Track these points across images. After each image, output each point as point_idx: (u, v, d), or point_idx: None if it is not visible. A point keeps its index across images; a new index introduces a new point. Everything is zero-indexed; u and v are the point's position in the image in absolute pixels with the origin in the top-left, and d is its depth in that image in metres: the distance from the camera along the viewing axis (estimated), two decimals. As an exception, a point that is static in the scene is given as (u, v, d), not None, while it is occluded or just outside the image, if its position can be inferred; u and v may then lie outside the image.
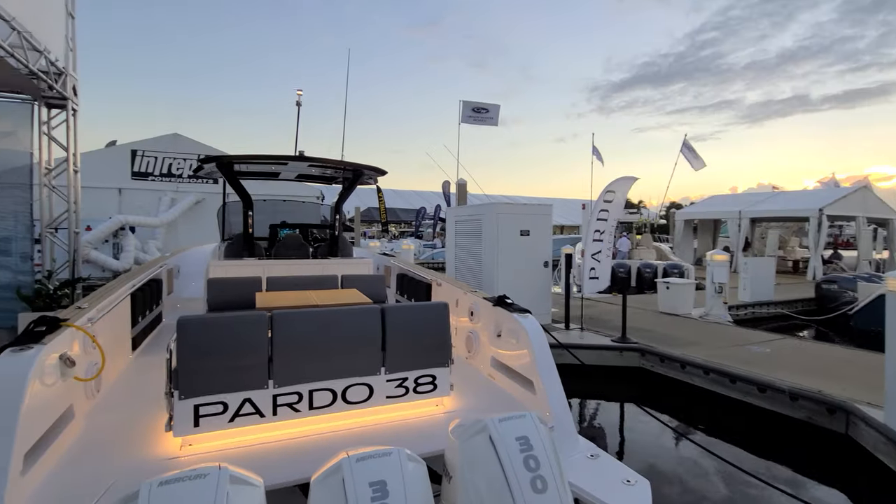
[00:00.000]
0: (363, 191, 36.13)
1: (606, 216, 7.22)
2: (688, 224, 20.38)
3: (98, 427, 2.58)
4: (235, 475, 1.59)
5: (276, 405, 2.52)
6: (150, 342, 4.25)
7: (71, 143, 5.99)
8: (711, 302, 8.46)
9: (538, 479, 1.87)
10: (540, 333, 3.23)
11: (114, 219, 12.56)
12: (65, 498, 1.97)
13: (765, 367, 5.52)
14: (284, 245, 5.96)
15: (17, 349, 2.11)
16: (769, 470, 4.22)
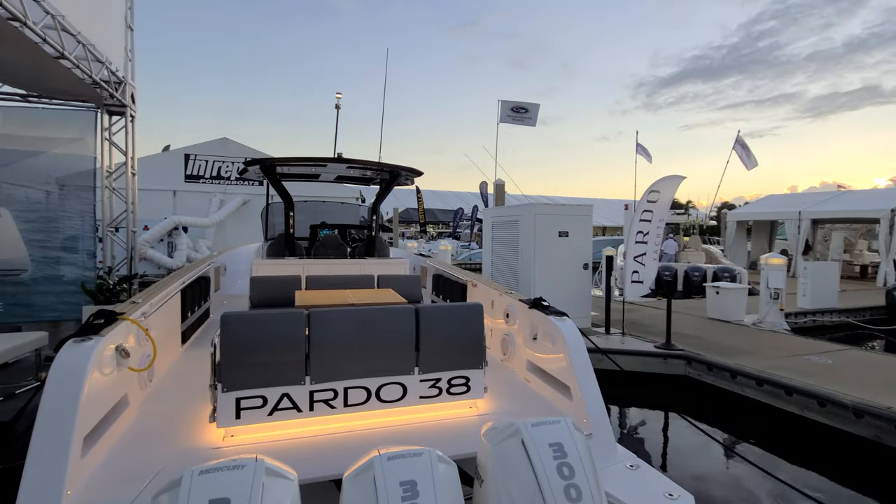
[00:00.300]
0: (401, 192, 36.63)
1: (650, 217, 6.91)
2: (741, 225, 19.28)
3: (149, 416, 2.72)
4: (271, 467, 1.62)
5: (312, 401, 2.57)
6: (198, 336, 4.44)
7: (129, 147, 6.39)
8: (766, 308, 7.93)
9: (572, 488, 1.79)
10: (577, 337, 3.12)
11: (168, 219, 13.31)
12: (119, 480, 2.08)
13: (826, 379, 5.11)
14: (323, 245, 6.12)
15: (79, 340, 2.25)
16: (829, 492, 3.90)
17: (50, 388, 2.07)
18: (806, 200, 17.86)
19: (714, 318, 8.45)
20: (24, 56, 4.39)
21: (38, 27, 4.02)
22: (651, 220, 6.90)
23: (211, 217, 14.68)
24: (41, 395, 2.04)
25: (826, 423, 4.65)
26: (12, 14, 3.81)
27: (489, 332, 4.29)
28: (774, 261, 7.79)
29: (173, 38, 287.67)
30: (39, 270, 5.41)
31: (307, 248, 6.26)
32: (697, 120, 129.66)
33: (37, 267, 5.39)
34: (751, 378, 5.30)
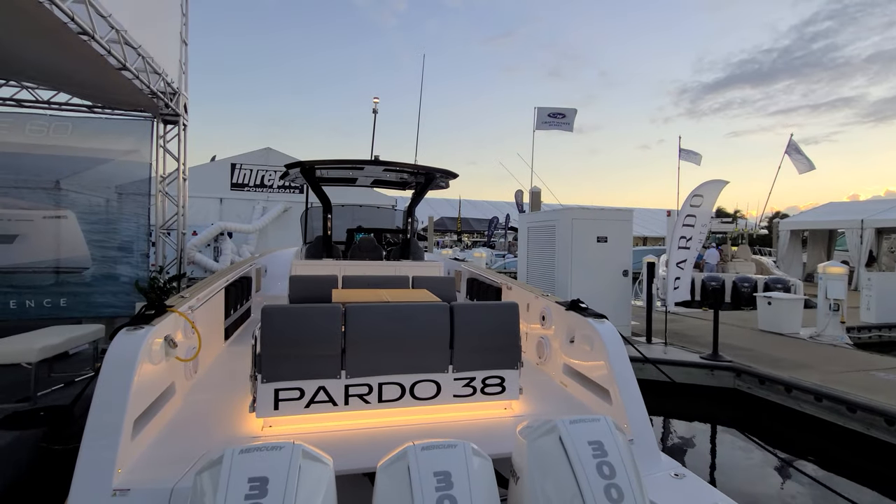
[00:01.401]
0: (436, 202, 36.90)
1: (693, 222, 6.63)
2: (795, 235, 18.14)
3: (194, 404, 2.82)
4: (308, 451, 1.64)
5: (347, 395, 2.59)
6: (240, 333, 4.59)
7: (181, 154, 6.77)
8: (825, 320, 7.38)
9: (613, 488, 1.70)
10: (617, 340, 3.01)
11: (215, 225, 13.95)
12: (165, 463, 2.16)
13: (894, 396, 4.69)
14: (359, 248, 6.24)
15: (132, 329, 2.38)
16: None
17: (105, 373, 2.19)
18: (870, 208, 16.63)
19: (766, 331, 7.96)
20: (91, 67, 4.75)
21: (104, 41, 4.35)
22: (694, 226, 6.62)
23: (254, 223, 15.28)
24: (96, 380, 2.16)
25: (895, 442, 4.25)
26: (82, 29, 4.13)
27: (524, 336, 4.20)
28: (834, 269, 7.27)
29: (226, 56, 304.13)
30: (98, 269, 5.78)
31: (344, 251, 6.39)
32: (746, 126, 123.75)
33: (96, 266, 5.77)
34: (808, 392, 4.93)
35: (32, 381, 3.50)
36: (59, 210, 5.52)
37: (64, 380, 4.27)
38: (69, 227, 5.53)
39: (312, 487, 1.56)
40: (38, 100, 5.84)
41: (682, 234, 6.60)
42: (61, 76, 5.31)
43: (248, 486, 1.46)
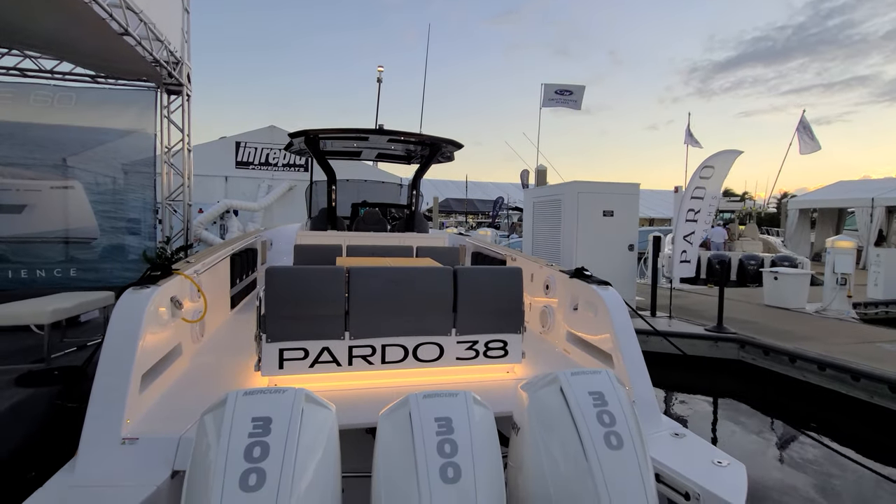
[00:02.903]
0: (441, 183, 36.67)
1: (702, 194, 6.54)
2: (804, 214, 17.92)
3: (200, 365, 2.88)
4: (311, 396, 1.67)
5: (351, 356, 2.62)
6: (245, 303, 4.64)
7: (185, 125, 6.76)
8: (832, 295, 7.33)
9: (612, 436, 1.73)
10: (621, 306, 3.01)
11: (221, 203, 13.99)
12: (172, 415, 2.22)
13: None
14: (364, 220, 6.25)
15: (138, 288, 2.41)
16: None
17: (112, 327, 2.23)
18: (880, 187, 16.33)
19: (771, 306, 7.94)
20: (93, 33, 4.70)
21: (105, 3, 4.29)
22: (703, 198, 6.53)
23: (259, 201, 15.31)
24: (105, 334, 2.20)
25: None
26: (82, -10, 4.08)
27: (528, 306, 4.22)
28: (843, 244, 7.19)
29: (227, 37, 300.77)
30: (107, 240, 5.85)
31: (349, 224, 6.41)
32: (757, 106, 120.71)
33: (105, 237, 5.83)
34: (812, 362, 4.94)
35: (46, 343, 3.58)
36: (66, 180, 5.56)
37: (76, 344, 4.36)
38: (76, 198, 5.58)
39: (315, 430, 1.59)
40: (41, 69, 5.82)
41: (689, 207, 6.52)
42: (64, 44, 5.27)
43: (252, 425, 1.49)
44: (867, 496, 3.31)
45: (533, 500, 1.83)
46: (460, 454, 1.59)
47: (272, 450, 1.45)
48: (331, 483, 1.60)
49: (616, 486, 1.64)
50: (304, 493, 1.46)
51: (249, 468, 1.41)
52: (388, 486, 1.61)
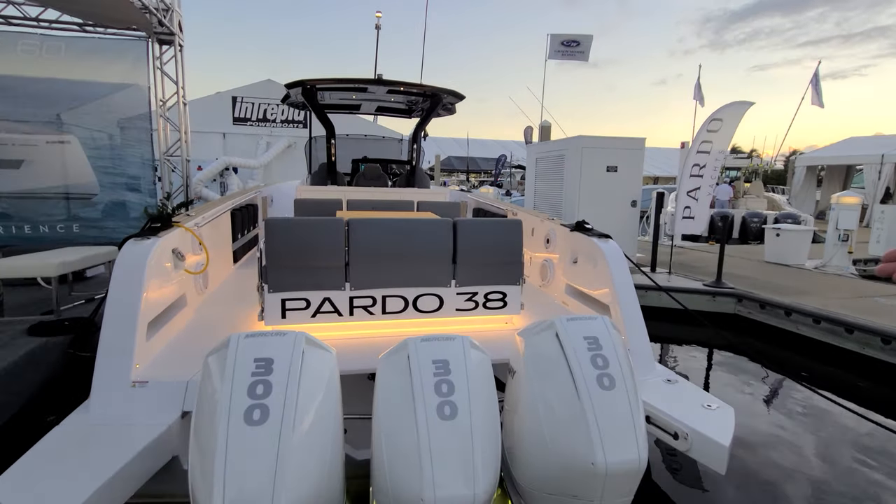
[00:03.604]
0: (443, 140, 35.94)
1: (709, 148, 6.40)
2: (811, 171, 17.62)
3: (205, 315, 2.95)
4: (311, 339, 1.71)
5: (352, 306, 2.67)
6: (248, 258, 4.69)
7: (179, 77, 6.57)
8: (833, 251, 7.33)
9: (605, 377, 1.78)
10: (620, 258, 3.03)
11: (220, 160, 13.84)
12: (180, 361, 2.29)
13: (895, 319, 4.75)
14: (364, 175, 6.19)
15: (139, 239, 2.43)
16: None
17: (116, 276, 2.27)
18: (892, 143, 15.94)
19: (771, 262, 7.96)
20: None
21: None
22: (710, 152, 6.40)
23: (259, 158, 15.12)
24: (110, 282, 2.24)
25: (890, 360, 4.36)
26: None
27: (528, 261, 4.25)
28: (848, 199, 7.12)
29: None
30: (107, 196, 5.84)
31: (349, 180, 6.36)
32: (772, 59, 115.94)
33: (105, 193, 5.82)
34: (807, 315, 5.01)
35: (54, 296, 3.65)
36: (62, 135, 5.48)
37: (83, 297, 4.45)
38: (73, 153, 5.52)
39: (316, 371, 1.65)
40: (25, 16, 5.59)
41: (695, 162, 6.40)
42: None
43: (254, 364, 1.54)
44: (852, 439, 3.44)
45: (527, 439, 1.92)
46: (457, 393, 1.65)
47: (274, 388, 1.50)
48: (333, 422, 1.67)
49: (607, 424, 1.71)
50: (307, 430, 1.52)
51: (253, 404, 1.47)
52: (388, 424, 1.68)
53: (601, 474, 1.66)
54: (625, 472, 1.69)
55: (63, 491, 1.55)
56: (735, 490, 2.77)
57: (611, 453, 1.67)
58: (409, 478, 1.54)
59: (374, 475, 1.71)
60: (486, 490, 1.56)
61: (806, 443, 3.34)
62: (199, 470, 1.44)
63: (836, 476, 2.96)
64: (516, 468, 2.02)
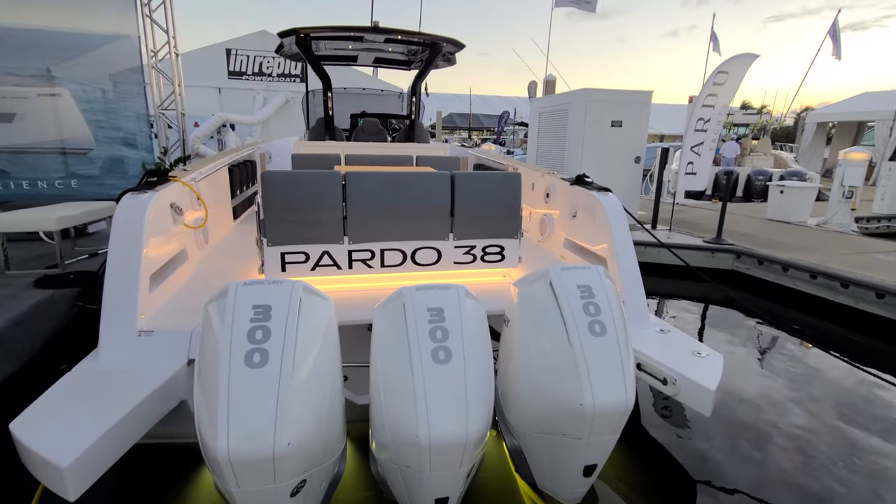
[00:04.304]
0: (444, 97, 34.96)
1: (714, 102, 6.23)
2: (821, 128, 17.20)
3: (206, 269, 2.99)
4: (309, 287, 1.73)
5: (351, 260, 2.69)
6: (247, 215, 4.69)
7: (169, 25, 6.32)
8: (835, 208, 7.28)
9: (597, 324, 1.83)
10: (620, 211, 3.03)
11: (216, 116, 13.53)
12: (182, 313, 2.34)
13: (892, 274, 4.77)
14: (363, 130, 6.09)
15: (136, 193, 2.43)
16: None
17: (116, 229, 2.28)
18: (906, 98, 15.45)
19: (774, 220, 7.93)
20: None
21: None
22: (714, 106, 6.23)
23: (256, 115, 14.78)
24: (110, 235, 2.26)
25: (882, 314, 4.43)
26: None
27: (528, 216, 4.25)
28: (856, 155, 6.98)
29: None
30: (104, 151, 5.77)
31: (347, 135, 6.26)
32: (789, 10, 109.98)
33: (101, 148, 5.74)
34: (804, 271, 5.05)
35: (58, 250, 3.69)
36: (53, 87, 5.35)
37: (87, 252, 4.50)
38: (66, 106, 5.41)
39: (314, 319, 1.68)
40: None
41: (700, 116, 6.24)
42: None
43: (253, 311, 1.58)
44: (839, 389, 3.56)
45: (520, 383, 1.99)
46: (451, 339, 1.70)
47: (273, 333, 1.55)
48: (331, 366, 1.73)
49: (596, 368, 1.77)
50: (307, 373, 1.58)
51: (253, 348, 1.51)
52: (384, 368, 1.74)
53: (589, 414, 1.74)
54: (612, 413, 1.76)
55: (77, 429, 1.63)
56: (718, 433, 2.90)
57: (599, 395, 1.74)
58: (405, 418, 1.61)
59: (372, 417, 1.79)
60: (479, 429, 1.63)
61: (793, 391, 3.45)
62: (204, 412, 1.50)
63: (819, 422, 3.08)
64: (509, 411, 2.11)
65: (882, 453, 2.75)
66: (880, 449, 2.80)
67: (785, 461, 2.64)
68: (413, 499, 1.79)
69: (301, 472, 1.59)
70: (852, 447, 2.80)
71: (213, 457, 1.43)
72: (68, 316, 3.19)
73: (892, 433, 2.97)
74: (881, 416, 3.16)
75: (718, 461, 2.64)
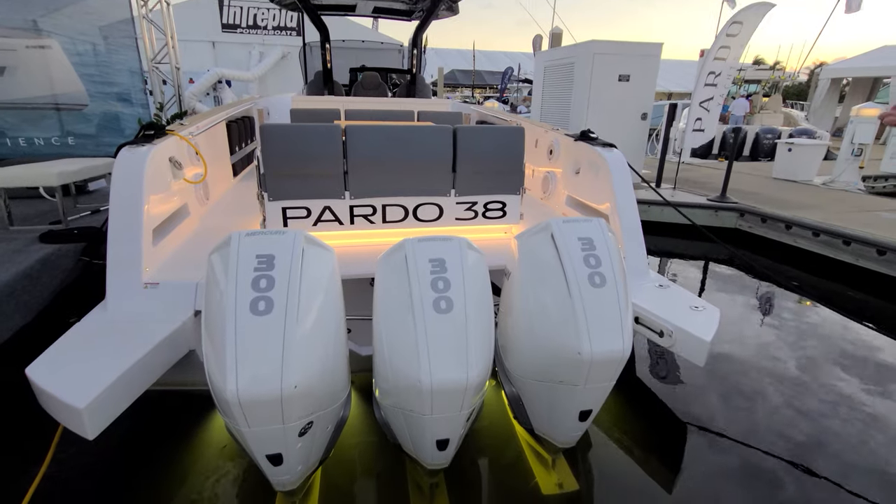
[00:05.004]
0: (447, 52, 33.75)
1: (726, 55, 6.00)
2: (835, 85, 16.63)
3: (208, 225, 3.00)
4: (310, 237, 1.74)
5: (352, 215, 2.69)
6: (248, 172, 4.65)
7: (158, -29, 6.03)
8: (843, 166, 7.16)
9: (597, 275, 1.84)
10: (624, 167, 2.99)
11: (211, 71, 13.17)
12: (187, 265, 2.37)
13: (895, 232, 4.76)
14: (362, 84, 5.94)
15: (133, 146, 2.39)
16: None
17: (116, 181, 2.27)
18: (928, 52, 14.84)
19: (780, 178, 7.83)
20: None
21: None
22: (726, 59, 6.02)
23: (252, 70, 14.39)
24: (110, 188, 2.25)
25: (882, 271, 4.45)
26: None
27: (530, 174, 4.20)
28: (868, 111, 6.80)
29: None
30: (98, 107, 5.65)
31: (347, 90, 6.11)
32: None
33: (95, 103, 5.62)
34: (806, 228, 5.03)
35: (60, 206, 3.69)
36: (42, 39, 5.17)
37: (89, 209, 4.51)
38: (56, 59, 5.25)
39: (317, 269, 1.70)
40: None
41: (710, 70, 6.04)
42: None
43: (256, 260, 1.59)
44: (832, 340, 3.63)
45: (520, 334, 2.03)
46: (452, 290, 1.72)
47: (277, 282, 1.57)
48: (335, 314, 1.76)
49: (595, 318, 1.80)
50: (311, 320, 1.61)
51: (257, 296, 1.54)
52: (387, 318, 1.77)
53: (587, 362, 1.78)
54: (608, 360, 1.80)
55: (92, 373, 1.69)
56: (711, 383, 2.99)
57: (597, 344, 1.77)
58: (407, 365, 1.65)
59: (375, 364, 1.84)
60: (479, 375, 1.67)
61: (787, 345, 3.53)
62: (212, 357, 1.54)
63: (810, 374, 3.16)
64: (509, 360, 2.17)
65: (870, 404, 2.84)
66: (868, 400, 2.88)
67: (775, 410, 2.73)
68: (415, 441, 1.87)
69: (308, 414, 1.65)
70: (841, 397, 2.89)
71: (223, 399, 1.49)
72: (75, 270, 3.23)
73: (882, 384, 3.05)
74: (873, 369, 3.24)
75: (710, 409, 2.73)
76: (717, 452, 2.40)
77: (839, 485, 2.20)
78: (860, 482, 2.21)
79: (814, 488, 2.18)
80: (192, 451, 2.30)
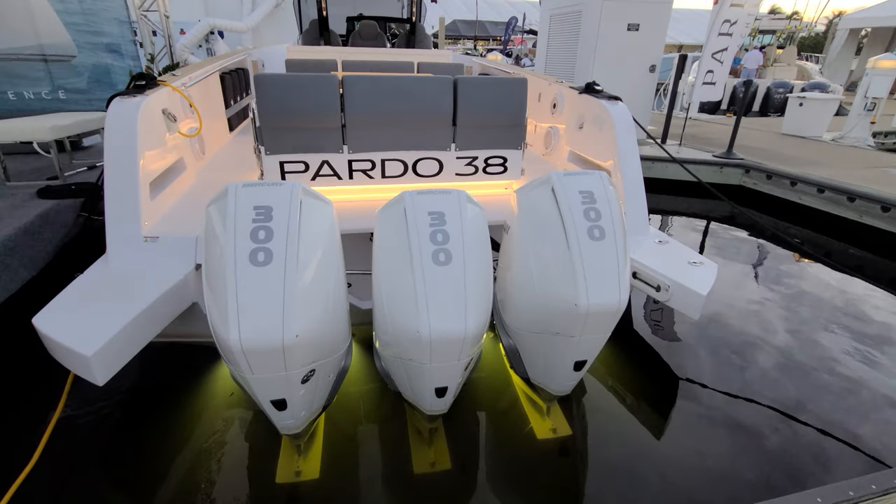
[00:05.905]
0: (448, 2, 32.21)
1: (744, 1, 5.70)
2: (853, 36, 15.90)
3: (205, 179, 2.97)
4: (308, 190, 1.72)
5: (351, 170, 2.66)
6: (244, 127, 4.56)
7: (140, -89, 5.66)
8: (854, 121, 6.97)
9: (596, 229, 1.83)
10: (628, 122, 2.92)
11: (203, 22, 12.61)
12: (186, 220, 2.37)
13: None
14: (360, 35, 5.72)
15: (125, 97, 2.33)
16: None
17: (110, 132, 2.22)
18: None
19: (788, 134, 7.64)
20: None
21: None
22: (744, 6, 5.71)
23: (245, 20, 13.77)
24: (104, 141, 2.21)
25: (885, 228, 4.43)
26: None
27: (533, 130, 4.11)
28: (886, 63, 6.53)
29: None
30: (87, 59, 5.46)
31: (344, 40, 5.88)
32: None
33: (84, 55, 5.43)
34: (812, 185, 4.97)
35: (55, 161, 3.64)
36: (21, -15, 4.93)
37: (85, 165, 4.46)
38: (39, 5, 5.03)
39: (315, 220, 1.69)
40: None
41: (725, 17, 5.74)
42: None
43: (255, 212, 1.58)
44: (832, 297, 3.66)
45: (518, 286, 2.05)
46: (451, 242, 1.72)
47: (275, 232, 1.56)
48: (335, 266, 1.77)
49: (593, 270, 1.81)
50: (311, 271, 1.62)
51: (257, 247, 1.54)
52: (387, 269, 1.78)
53: (583, 314, 1.81)
54: (604, 312, 1.83)
55: (97, 323, 1.73)
56: (705, 338, 3.05)
57: (593, 296, 1.79)
58: (406, 316, 1.68)
59: (375, 315, 1.87)
60: (477, 326, 1.70)
61: (785, 301, 3.56)
62: (214, 308, 1.56)
63: (807, 330, 3.21)
64: (506, 313, 2.21)
65: (863, 360, 2.90)
66: (861, 356, 2.94)
67: (767, 366, 2.80)
68: (414, 388, 1.94)
69: (310, 363, 1.70)
70: (835, 353, 2.94)
71: (227, 347, 1.52)
72: (75, 226, 3.23)
73: (878, 341, 3.10)
74: (870, 326, 3.28)
75: (703, 364, 2.80)
76: (707, 404, 2.48)
77: (826, 433, 2.28)
78: (846, 433, 2.29)
79: (799, 439, 2.26)
80: (201, 398, 2.38)
